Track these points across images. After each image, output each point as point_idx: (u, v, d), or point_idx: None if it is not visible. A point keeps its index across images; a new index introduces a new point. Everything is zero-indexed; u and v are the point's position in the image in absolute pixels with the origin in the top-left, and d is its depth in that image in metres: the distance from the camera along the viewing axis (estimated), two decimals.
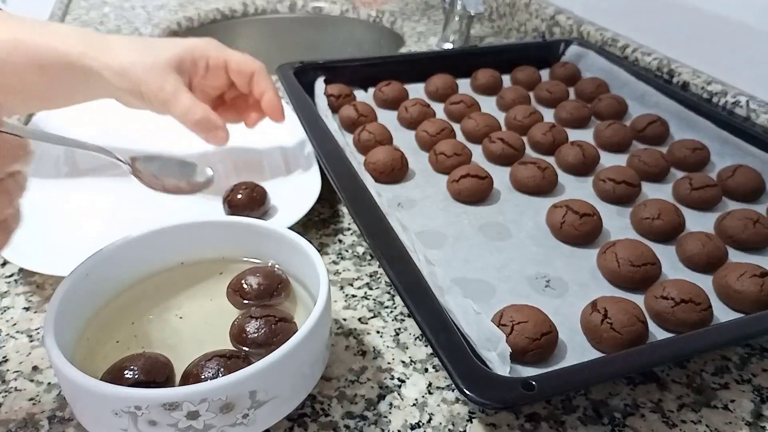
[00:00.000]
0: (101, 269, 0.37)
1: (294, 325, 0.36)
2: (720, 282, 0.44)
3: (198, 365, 0.32)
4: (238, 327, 0.35)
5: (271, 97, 0.54)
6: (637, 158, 0.59)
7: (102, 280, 0.37)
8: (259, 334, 0.34)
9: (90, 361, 0.34)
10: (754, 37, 0.66)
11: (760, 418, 0.37)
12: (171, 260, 0.41)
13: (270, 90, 0.54)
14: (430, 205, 0.54)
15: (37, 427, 0.35)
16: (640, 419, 0.37)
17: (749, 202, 0.55)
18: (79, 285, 0.35)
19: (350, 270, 0.49)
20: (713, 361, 0.41)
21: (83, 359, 0.34)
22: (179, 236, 0.40)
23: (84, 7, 1.12)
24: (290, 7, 1.20)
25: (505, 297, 0.43)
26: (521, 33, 1.03)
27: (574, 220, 0.48)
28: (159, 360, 0.33)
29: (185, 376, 0.33)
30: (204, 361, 0.33)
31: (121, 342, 0.36)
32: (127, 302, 0.39)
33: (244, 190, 0.51)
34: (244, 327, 0.35)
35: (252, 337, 0.35)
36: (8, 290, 0.45)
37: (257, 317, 0.35)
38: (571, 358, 0.39)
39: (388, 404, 0.37)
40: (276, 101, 0.54)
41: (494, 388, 0.33)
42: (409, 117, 0.67)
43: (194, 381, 0.32)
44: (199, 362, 0.33)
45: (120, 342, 0.36)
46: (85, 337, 0.36)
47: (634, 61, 0.80)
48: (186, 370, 0.33)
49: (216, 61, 0.52)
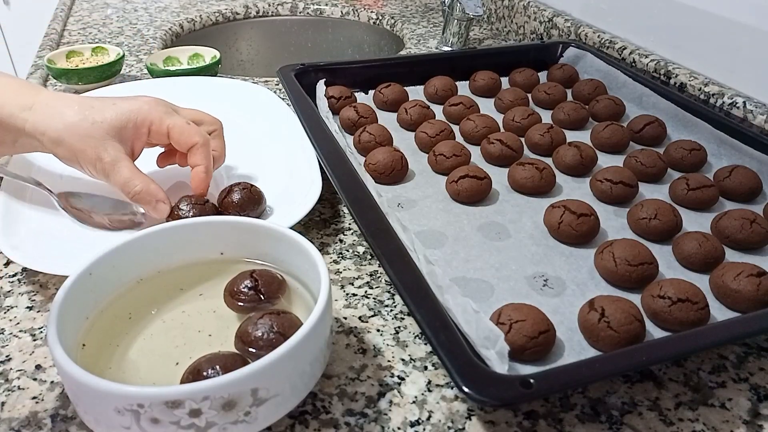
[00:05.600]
0: (104, 269, 0.37)
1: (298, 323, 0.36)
2: (717, 281, 0.44)
3: (201, 364, 0.33)
4: (244, 328, 0.36)
5: (199, 174, 0.50)
6: (634, 159, 0.59)
7: (105, 279, 0.38)
8: (264, 336, 0.35)
9: (93, 359, 0.35)
10: (752, 38, 0.67)
11: (758, 417, 0.37)
12: (173, 259, 0.41)
13: (201, 167, 0.50)
14: (429, 205, 0.54)
15: (41, 425, 0.35)
16: (638, 417, 0.37)
17: (746, 202, 0.56)
18: (81, 284, 0.36)
19: (351, 269, 0.49)
20: (710, 359, 0.41)
21: (86, 358, 0.35)
22: (181, 235, 0.41)
23: (86, 9, 1.12)
24: (291, 9, 1.20)
25: (503, 296, 0.44)
26: (519, 35, 1.04)
27: (572, 220, 0.49)
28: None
29: (187, 374, 0.33)
30: (207, 360, 0.33)
31: (123, 341, 0.37)
32: (130, 301, 0.39)
33: (242, 189, 0.51)
34: (249, 328, 0.35)
35: (257, 337, 0.35)
36: (12, 289, 0.46)
37: (263, 317, 0.35)
38: (569, 356, 0.39)
39: (388, 402, 0.38)
40: (202, 180, 0.50)
41: (493, 385, 0.33)
42: (409, 118, 0.68)
43: (195, 379, 0.32)
44: (202, 361, 0.33)
45: (122, 341, 0.37)
46: (88, 336, 0.36)
47: (631, 62, 0.81)
48: (188, 369, 0.33)
49: (158, 127, 0.49)
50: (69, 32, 1.01)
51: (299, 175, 0.57)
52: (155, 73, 0.79)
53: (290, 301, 0.40)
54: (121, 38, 0.99)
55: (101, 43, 0.96)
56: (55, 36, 0.98)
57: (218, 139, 0.54)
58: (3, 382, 0.38)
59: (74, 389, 0.31)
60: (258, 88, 0.73)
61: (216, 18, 1.14)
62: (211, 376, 0.32)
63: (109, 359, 0.35)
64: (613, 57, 0.82)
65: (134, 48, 0.95)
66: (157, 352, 0.36)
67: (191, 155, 0.50)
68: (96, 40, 0.98)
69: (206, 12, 1.13)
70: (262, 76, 0.88)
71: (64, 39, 0.99)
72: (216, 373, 0.32)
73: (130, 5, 1.16)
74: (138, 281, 0.40)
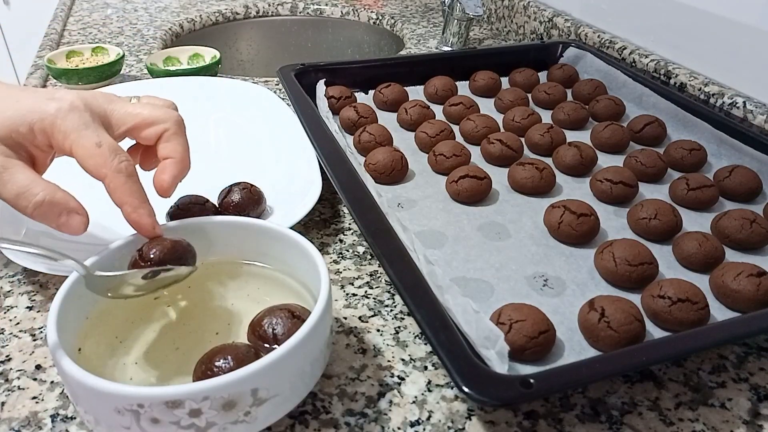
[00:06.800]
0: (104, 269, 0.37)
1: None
2: (717, 281, 0.44)
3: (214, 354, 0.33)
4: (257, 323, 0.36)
5: (130, 216, 0.37)
6: (634, 159, 0.59)
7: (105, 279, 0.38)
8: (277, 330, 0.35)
9: (93, 359, 0.35)
10: (752, 38, 0.67)
11: (758, 417, 0.37)
12: None
13: (127, 206, 0.37)
14: (429, 205, 0.54)
15: (41, 425, 0.36)
16: (638, 417, 0.37)
17: (746, 202, 0.56)
18: (81, 284, 0.36)
19: (351, 269, 0.49)
20: (710, 359, 0.41)
21: (86, 358, 0.35)
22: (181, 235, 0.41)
23: (87, 9, 1.12)
24: (291, 9, 1.20)
25: (503, 296, 0.44)
26: (519, 35, 1.04)
27: (572, 220, 0.49)
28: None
29: (200, 364, 0.33)
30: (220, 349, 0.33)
31: (123, 341, 0.37)
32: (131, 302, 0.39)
33: (242, 189, 0.51)
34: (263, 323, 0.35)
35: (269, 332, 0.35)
36: (12, 289, 0.46)
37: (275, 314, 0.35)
38: (569, 356, 0.39)
39: (388, 402, 0.38)
40: (136, 223, 0.38)
41: (493, 385, 0.33)
42: (409, 118, 0.68)
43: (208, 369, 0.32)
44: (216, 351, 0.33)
45: (123, 341, 0.37)
46: (87, 336, 0.36)
47: (631, 62, 0.81)
48: (201, 359, 0.33)
49: (60, 143, 0.37)
50: (69, 32, 1.01)
51: (299, 175, 0.57)
52: (155, 73, 0.79)
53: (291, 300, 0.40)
54: (121, 38, 0.99)
55: (101, 43, 0.96)
56: (55, 36, 0.98)
57: (174, 141, 0.41)
58: (3, 382, 0.38)
59: (74, 389, 0.31)
60: (258, 88, 0.73)
61: (216, 18, 1.14)
62: (223, 366, 0.32)
63: (110, 359, 0.35)
64: (613, 57, 0.82)
65: (134, 48, 0.95)
66: (159, 351, 0.36)
67: (110, 189, 0.37)
68: (96, 40, 0.98)
69: (206, 12, 1.13)
70: (262, 76, 0.88)
71: (64, 39, 0.99)
72: (227, 363, 0.32)
73: (130, 5, 1.16)
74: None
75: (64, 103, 0.37)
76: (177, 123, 0.41)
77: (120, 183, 0.37)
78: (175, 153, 0.41)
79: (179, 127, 0.41)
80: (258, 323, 0.35)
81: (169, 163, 0.40)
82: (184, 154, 0.41)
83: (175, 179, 0.40)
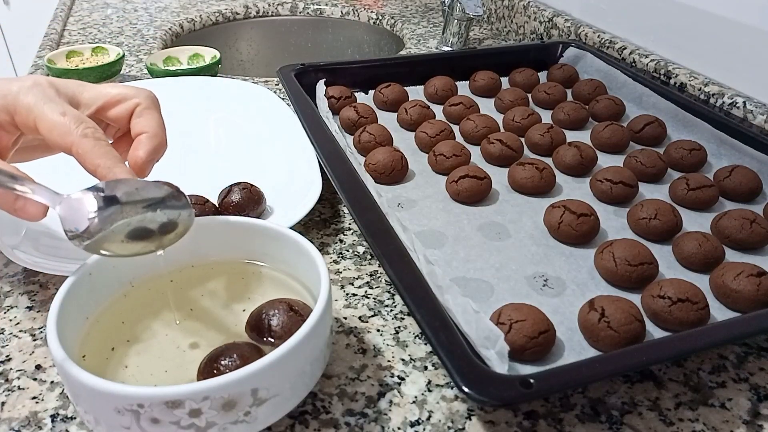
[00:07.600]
0: (104, 269, 0.37)
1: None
2: (717, 281, 0.44)
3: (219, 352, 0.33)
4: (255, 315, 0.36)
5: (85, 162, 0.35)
6: (634, 159, 0.59)
7: (105, 279, 0.38)
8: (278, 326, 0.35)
9: (93, 359, 0.35)
10: (752, 38, 0.67)
11: (758, 417, 0.37)
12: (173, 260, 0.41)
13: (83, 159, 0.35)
14: (429, 205, 0.54)
15: (40, 425, 0.36)
16: (638, 417, 0.37)
17: (746, 202, 0.56)
18: (81, 284, 0.36)
19: (351, 269, 0.49)
20: (710, 359, 0.41)
21: (86, 358, 0.35)
22: None
23: (86, 9, 1.12)
24: (291, 9, 1.20)
25: (503, 296, 0.44)
26: (519, 35, 1.04)
27: (572, 220, 0.49)
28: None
29: (205, 362, 0.33)
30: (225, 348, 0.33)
31: (123, 341, 0.37)
32: (131, 302, 0.39)
33: (242, 189, 0.51)
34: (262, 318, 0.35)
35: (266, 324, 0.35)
36: (11, 290, 0.46)
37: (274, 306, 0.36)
38: (569, 356, 0.39)
39: (388, 402, 0.38)
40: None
41: (493, 385, 0.33)
42: (409, 118, 0.68)
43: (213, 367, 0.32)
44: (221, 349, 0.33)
45: (123, 341, 0.37)
46: (87, 336, 0.36)
47: (631, 62, 0.81)
48: (206, 357, 0.34)
49: (24, 118, 0.35)
50: (69, 32, 1.01)
51: (299, 175, 0.57)
52: (155, 73, 0.79)
53: None
54: (121, 38, 0.99)
55: (101, 43, 0.96)
56: (55, 36, 0.98)
57: (147, 115, 0.39)
58: (3, 382, 0.38)
59: (74, 389, 0.31)
60: (258, 88, 0.73)
61: (216, 18, 1.14)
62: (229, 365, 0.32)
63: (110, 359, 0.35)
64: (613, 57, 0.82)
65: (134, 48, 0.95)
66: (159, 351, 0.36)
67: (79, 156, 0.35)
68: (96, 40, 0.98)
69: (206, 12, 1.13)
70: (262, 76, 0.88)
71: (64, 39, 0.99)
72: (233, 362, 0.32)
73: (130, 5, 1.16)
74: (140, 282, 0.40)
75: (27, 81, 0.36)
76: (149, 98, 0.39)
77: (89, 147, 0.34)
78: (149, 127, 0.38)
79: (152, 102, 0.39)
80: (257, 315, 0.35)
81: (143, 137, 0.38)
82: (158, 129, 0.38)
83: (150, 155, 0.37)
